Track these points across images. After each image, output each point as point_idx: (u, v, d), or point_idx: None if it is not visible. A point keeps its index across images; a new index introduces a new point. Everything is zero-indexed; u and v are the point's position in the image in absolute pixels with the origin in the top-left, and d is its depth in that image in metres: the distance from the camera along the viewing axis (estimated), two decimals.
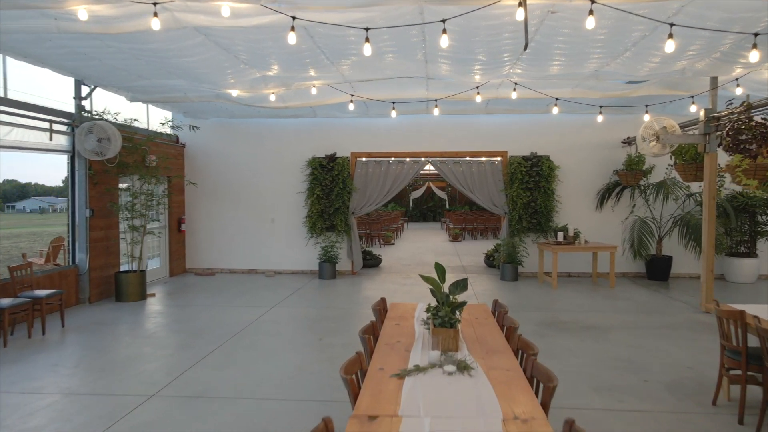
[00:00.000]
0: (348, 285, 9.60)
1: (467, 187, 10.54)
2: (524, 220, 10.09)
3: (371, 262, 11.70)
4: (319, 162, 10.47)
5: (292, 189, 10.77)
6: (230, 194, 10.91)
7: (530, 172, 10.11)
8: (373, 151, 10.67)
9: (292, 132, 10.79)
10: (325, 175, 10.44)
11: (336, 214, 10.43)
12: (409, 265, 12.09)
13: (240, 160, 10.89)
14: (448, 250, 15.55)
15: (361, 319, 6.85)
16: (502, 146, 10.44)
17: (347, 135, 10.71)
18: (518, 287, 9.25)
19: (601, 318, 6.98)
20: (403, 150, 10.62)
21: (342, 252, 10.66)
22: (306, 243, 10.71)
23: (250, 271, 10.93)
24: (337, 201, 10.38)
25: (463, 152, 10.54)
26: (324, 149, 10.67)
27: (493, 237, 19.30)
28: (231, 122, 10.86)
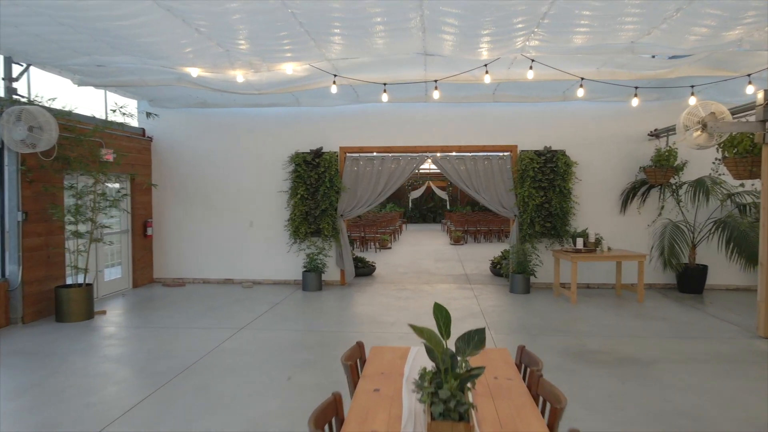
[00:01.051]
0: (335, 298, 8.33)
1: (472, 186, 9.27)
2: (537, 223, 8.82)
3: (364, 271, 10.43)
4: (303, 157, 9.21)
5: (273, 188, 9.50)
6: (204, 194, 9.65)
7: (544, 168, 8.84)
8: (364, 145, 9.41)
9: (272, 123, 9.53)
10: (310, 172, 9.18)
11: (322, 217, 9.17)
12: (406, 274, 10.81)
13: (214, 155, 9.62)
14: (450, 255, 14.28)
15: (345, 346, 5.59)
16: (512, 139, 9.17)
17: (335, 127, 9.44)
18: (531, 302, 7.98)
19: (638, 345, 5.71)
20: (399, 144, 9.36)
21: (330, 260, 9.39)
22: (288, 249, 9.44)
23: (225, 281, 9.67)
24: (323, 202, 9.12)
25: (467, 146, 9.27)
26: (309, 143, 9.40)
27: (497, 240, 18.04)
28: (203, 113, 9.59)
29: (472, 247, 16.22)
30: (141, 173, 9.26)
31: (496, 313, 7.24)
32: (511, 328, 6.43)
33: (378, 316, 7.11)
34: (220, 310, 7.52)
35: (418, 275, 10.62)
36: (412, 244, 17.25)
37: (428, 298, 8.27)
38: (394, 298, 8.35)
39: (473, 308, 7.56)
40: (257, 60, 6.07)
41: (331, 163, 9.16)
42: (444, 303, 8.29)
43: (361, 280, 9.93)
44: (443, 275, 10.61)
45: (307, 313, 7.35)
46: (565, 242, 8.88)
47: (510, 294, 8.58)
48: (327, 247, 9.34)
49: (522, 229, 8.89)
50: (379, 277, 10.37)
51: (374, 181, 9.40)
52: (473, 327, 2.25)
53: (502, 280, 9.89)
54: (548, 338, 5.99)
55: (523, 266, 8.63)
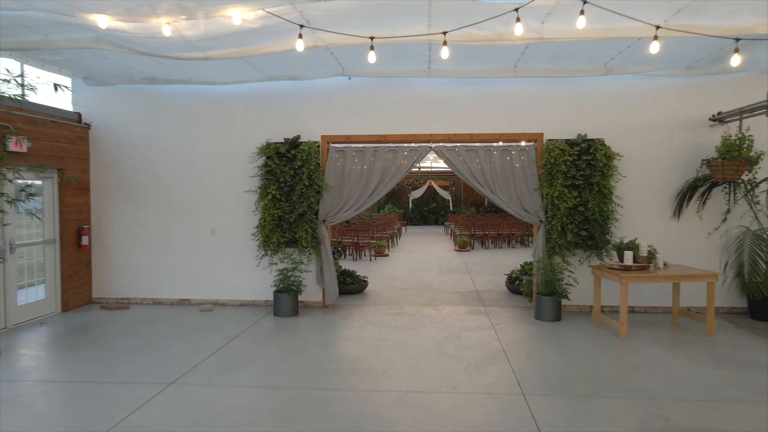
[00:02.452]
0: (312, 329, 6.49)
1: (486, 184, 7.42)
2: (569, 231, 6.98)
3: (353, 287, 8.59)
4: (275, 149, 7.37)
5: (239, 187, 7.66)
6: (155, 194, 7.80)
7: (578, 162, 7.00)
8: (352, 133, 7.56)
9: (238, 106, 7.68)
10: (284, 167, 7.33)
11: (299, 223, 7.32)
12: (405, 290, 8.97)
13: (168, 146, 7.78)
14: (456, 264, 12.43)
15: (315, 419, 3.76)
16: (537, 126, 7.33)
17: (316, 110, 7.60)
18: (566, 334, 6.13)
19: (744, 418, 3.86)
20: (396, 132, 7.51)
21: (309, 276, 7.55)
22: (258, 263, 7.59)
23: (181, 302, 7.82)
24: (300, 204, 7.27)
25: (480, 135, 7.43)
26: (283, 130, 7.56)
27: (506, 246, 16.19)
28: (154, 93, 7.75)
29: (479, 255, 14.37)
30: (73, 168, 7.42)
31: (523, 355, 5.40)
32: (550, 385, 4.58)
33: (365, 360, 5.27)
34: (158, 347, 5.69)
35: (420, 292, 8.77)
36: (413, 251, 15.40)
37: (433, 328, 6.42)
38: (388, 327, 6.50)
39: (492, 345, 5.72)
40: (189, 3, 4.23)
41: (311, 156, 7.31)
42: (454, 336, 6.14)
43: (350, 300, 8.09)
44: (450, 292, 8.76)
45: (271, 354, 5.50)
46: (606, 255, 7.03)
47: (536, 322, 6.73)
48: (305, 260, 7.49)
49: (551, 239, 7.04)
50: (371, 295, 8.52)
51: (365, 178, 7.55)
52: (495, 378, 0.98)
53: (522, 299, 8.04)
54: (607, 404, 4.14)
55: (553, 286, 6.78)
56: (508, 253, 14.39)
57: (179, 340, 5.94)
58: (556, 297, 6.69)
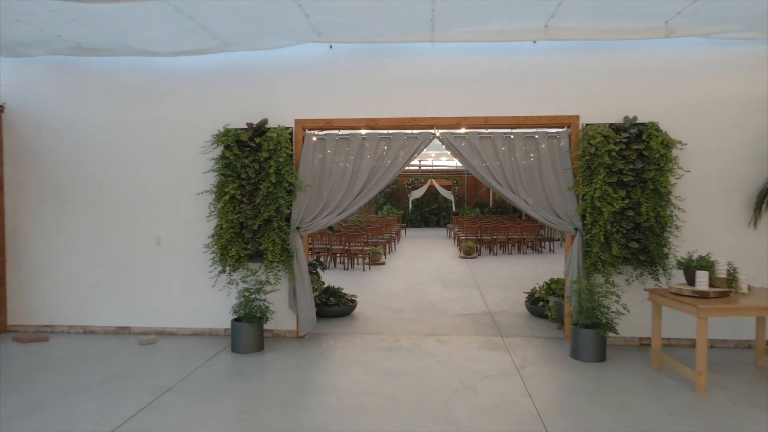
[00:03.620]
0: (279, 372, 4.86)
1: (505, 182, 5.79)
2: (615, 243, 5.35)
3: (338, 309, 6.96)
4: (235, 136, 5.75)
5: (191, 185, 6.04)
6: (86, 195, 6.19)
7: (626, 153, 5.38)
8: (334, 116, 5.95)
9: (190, 83, 6.07)
10: (246, 159, 5.72)
11: (265, 231, 5.70)
12: (402, 312, 7.33)
13: (101, 133, 6.16)
14: (462, 274, 10.79)
15: None
16: (571, 106, 5.71)
17: (287, 88, 5.99)
18: (619, 387, 4.50)
19: None
20: (390, 115, 5.90)
21: (279, 299, 5.93)
22: (215, 282, 5.96)
23: (119, 331, 6.20)
24: (267, 207, 5.65)
25: (497, 118, 5.80)
26: (246, 113, 5.95)
27: (517, 252, 14.56)
28: (81, 65, 6.13)
29: (487, 262, 12.72)
30: None
31: (569, 423, 3.76)
32: None
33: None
34: (52, 408, 4.06)
35: (420, 315, 7.14)
36: (413, 257, 13.77)
37: (437, 373, 4.79)
38: (378, 372, 4.87)
39: (521, 405, 4.08)
40: None
41: (280, 145, 5.69)
42: (467, 388, 4.39)
43: (334, 326, 6.46)
44: (457, 315, 7.13)
45: (213, 420, 3.87)
46: (662, 274, 5.40)
47: (574, 363, 5.10)
48: (273, 278, 5.86)
49: (590, 253, 5.41)
50: (361, 319, 6.90)
51: (350, 174, 5.93)
52: None
53: (548, 325, 6.42)
54: None
55: (595, 315, 5.15)
56: (520, 261, 12.75)
57: (87, 396, 4.32)
58: (601, 331, 5.05)
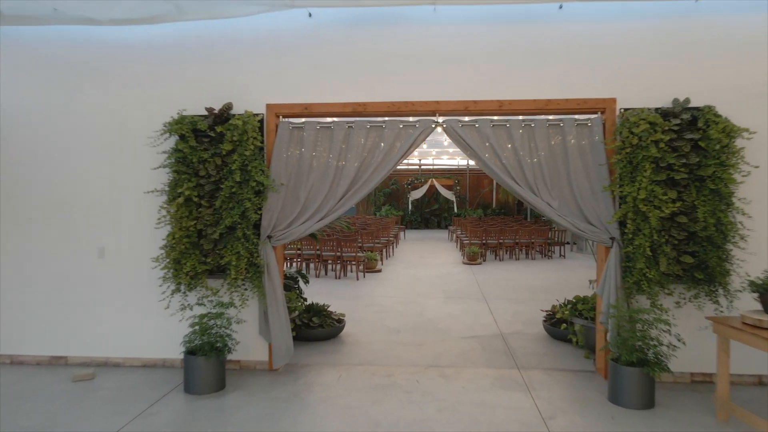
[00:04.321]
0: (239, 424, 3.76)
1: (524, 180, 4.70)
2: (664, 256, 4.26)
3: (323, 332, 5.88)
4: (192, 124, 4.66)
5: (141, 185, 4.95)
6: (11, 198, 5.10)
7: (677, 144, 4.29)
8: (315, 100, 4.86)
9: (140, 59, 4.98)
10: (205, 152, 4.63)
11: (228, 241, 4.61)
12: (398, 333, 6.24)
13: (29, 123, 5.07)
14: (466, 284, 9.70)
15: None
16: (606, 86, 4.62)
17: (257, 66, 4.91)
18: None
19: None
20: (382, 99, 4.81)
21: (247, 323, 4.84)
22: (168, 303, 4.86)
23: (53, 361, 5.11)
24: (230, 211, 4.57)
25: (514, 102, 4.72)
26: (205, 96, 4.87)
27: (525, 257, 13.47)
28: (4, 37, 5.04)
29: (494, 269, 11.62)
30: None
31: None
32: None
33: None
34: None
35: (419, 338, 6.05)
36: (412, 263, 12.67)
37: (441, 426, 3.70)
38: (365, 424, 3.78)
39: None
40: None
41: (247, 135, 4.61)
42: None
43: (316, 353, 5.37)
44: (463, 337, 6.04)
45: None
46: (725, 296, 4.31)
47: (615, 410, 4.00)
48: (239, 299, 4.77)
49: (632, 269, 4.32)
50: (349, 344, 5.82)
51: (335, 170, 4.84)
52: None
53: (570, 352, 5.34)
54: None
55: (640, 350, 4.05)
56: (530, 268, 11.65)
57: None
58: (649, 371, 3.95)
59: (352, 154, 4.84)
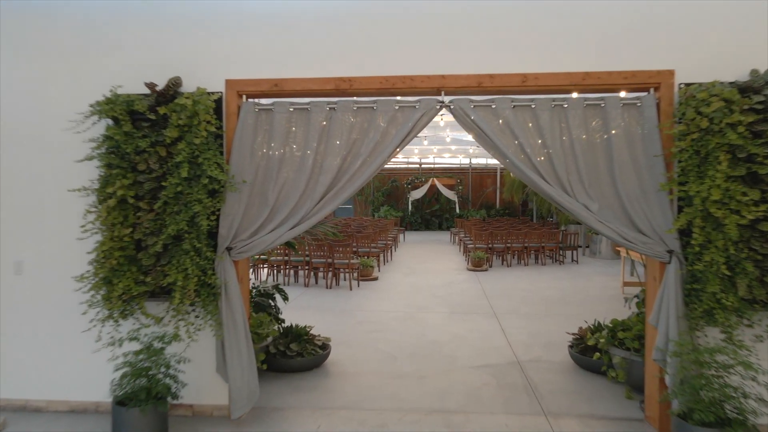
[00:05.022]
0: None
1: (555, 177, 3.66)
2: (742, 275, 3.22)
3: (301, 363, 4.84)
4: (127, 104, 3.62)
5: (64, 181, 3.91)
6: None
7: (758, 128, 3.25)
8: (287, 75, 3.83)
9: (67, 25, 3.95)
10: (144, 140, 3.59)
11: (174, 255, 3.57)
12: (394, 361, 5.19)
13: None
14: (472, 294, 8.65)
15: None
16: (659, 55, 3.58)
17: (213, 33, 3.88)
18: None
19: None
20: (372, 73, 3.78)
21: (201, 357, 3.80)
22: (98, 334, 3.81)
23: None
24: (175, 216, 3.53)
25: (541, 76, 3.67)
26: (147, 71, 3.82)
27: (535, 262, 12.42)
28: None
29: (501, 276, 10.57)
30: None
31: None
32: None
33: None
34: None
35: (421, 368, 5.00)
36: (412, 269, 11.63)
37: None
38: None
39: None
40: None
41: (198, 118, 3.56)
42: None
43: (291, 392, 4.33)
44: (473, 367, 4.99)
45: None
46: None
47: None
48: (188, 330, 3.72)
49: (701, 294, 3.28)
50: (335, 375, 4.78)
51: (312, 163, 3.80)
52: None
53: (606, 387, 4.30)
54: None
55: (718, 404, 3.01)
56: (541, 275, 10.61)
57: None
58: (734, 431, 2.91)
59: (335, 143, 3.79)
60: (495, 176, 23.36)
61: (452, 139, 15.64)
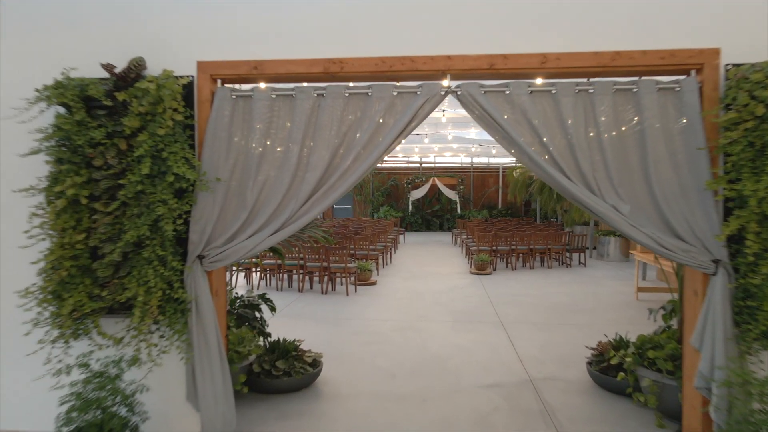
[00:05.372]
0: None
1: (579, 175, 3.14)
2: None
3: (289, 383, 4.32)
4: (79, 90, 3.09)
5: (6, 179, 3.38)
6: None
7: None
8: (268, 56, 3.30)
9: None
10: (100, 131, 3.06)
11: (136, 263, 3.05)
12: (393, 379, 4.66)
13: None
14: (477, 301, 8.13)
15: None
16: (701, 32, 3.06)
17: (183, 9, 3.35)
18: None
19: None
20: (366, 53, 3.26)
21: (168, 388, 3.28)
22: (47, 356, 3.29)
23: None
24: (135, 220, 3.00)
25: (563, 57, 3.15)
26: (107, 53, 3.31)
27: (540, 265, 11.91)
28: None
29: (506, 280, 10.05)
30: None
31: None
32: None
33: None
34: None
35: (422, 388, 4.48)
36: (412, 273, 11.11)
37: None
38: None
39: None
40: None
41: (163, 105, 3.04)
42: None
43: (276, 418, 3.81)
44: (481, 387, 4.47)
45: None
46: None
47: None
48: (149, 353, 3.20)
49: (757, 312, 2.76)
50: (326, 396, 4.26)
51: (297, 159, 3.27)
52: None
53: (631, 411, 3.77)
54: None
55: None
56: (548, 279, 10.09)
57: None
58: None
59: (324, 135, 3.27)
60: (497, 176, 22.86)
61: (454, 137, 15.12)
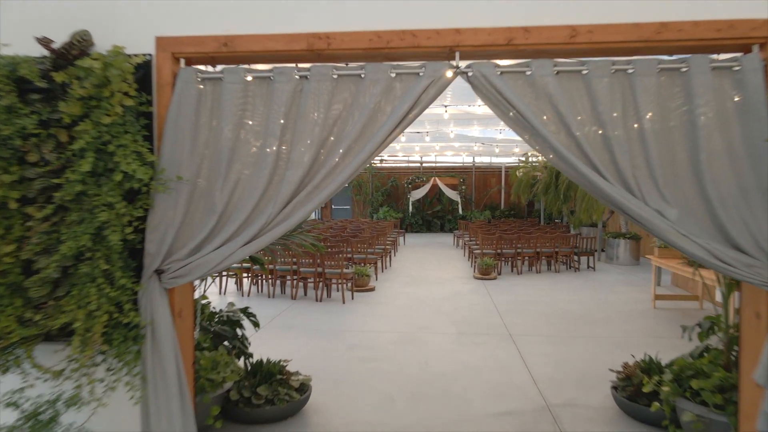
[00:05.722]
0: None
1: (615, 173, 2.58)
2: None
3: (273, 412, 3.76)
4: (11, 70, 2.54)
5: None
6: None
7: None
8: (240, 32, 2.75)
9: None
10: (31, 118, 2.51)
11: (77, 283, 2.49)
12: (392, 403, 4.10)
13: None
14: (482, 310, 7.57)
15: None
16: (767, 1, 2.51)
17: None
18: None
19: None
20: (358, 27, 2.70)
21: (124, 420, 2.73)
22: None
23: None
24: (75, 228, 2.45)
25: (595, 29, 2.60)
26: (46, 27, 2.76)
27: (547, 269, 11.37)
28: None
29: (513, 285, 9.49)
30: None
31: None
32: None
33: None
34: None
35: (425, 416, 3.92)
36: (412, 278, 10.55)
37: None
38: None
39: None
40: None
41: (110, 89, 2.49)
42: None
43: None
44: (491, 415, 3.92)
45: None
46: None
47: None
48: (91, 391, 2.65)
49: None
50: (314, 426, 3.70)
51: (276, 154, 2.73)
52: None
53: None
54: None
55: None
56: (557, 285, 9.54)
57: None
58: None
59: (308, 125, 2.72)
60: (500, 175, 22.31)
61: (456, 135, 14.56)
